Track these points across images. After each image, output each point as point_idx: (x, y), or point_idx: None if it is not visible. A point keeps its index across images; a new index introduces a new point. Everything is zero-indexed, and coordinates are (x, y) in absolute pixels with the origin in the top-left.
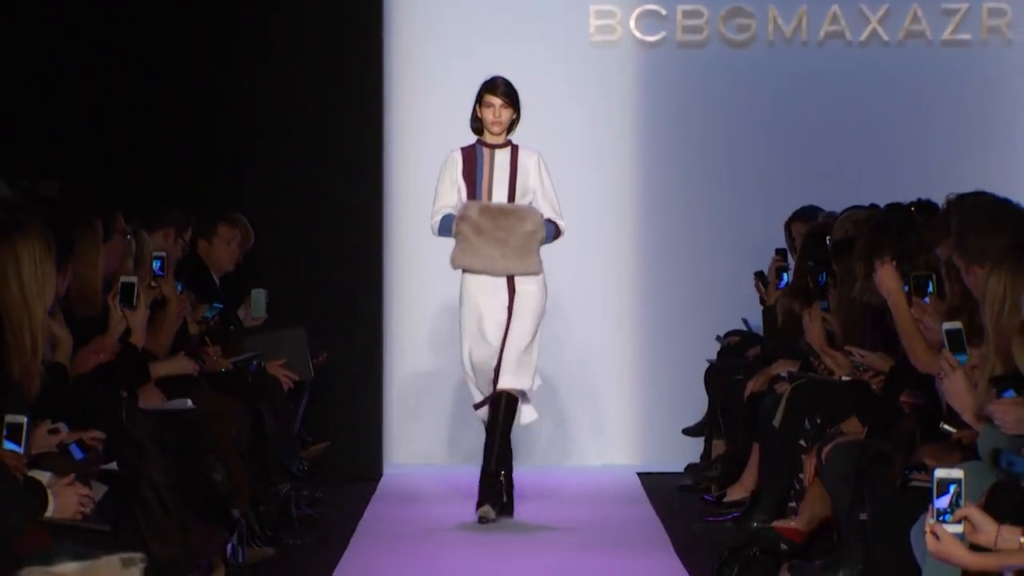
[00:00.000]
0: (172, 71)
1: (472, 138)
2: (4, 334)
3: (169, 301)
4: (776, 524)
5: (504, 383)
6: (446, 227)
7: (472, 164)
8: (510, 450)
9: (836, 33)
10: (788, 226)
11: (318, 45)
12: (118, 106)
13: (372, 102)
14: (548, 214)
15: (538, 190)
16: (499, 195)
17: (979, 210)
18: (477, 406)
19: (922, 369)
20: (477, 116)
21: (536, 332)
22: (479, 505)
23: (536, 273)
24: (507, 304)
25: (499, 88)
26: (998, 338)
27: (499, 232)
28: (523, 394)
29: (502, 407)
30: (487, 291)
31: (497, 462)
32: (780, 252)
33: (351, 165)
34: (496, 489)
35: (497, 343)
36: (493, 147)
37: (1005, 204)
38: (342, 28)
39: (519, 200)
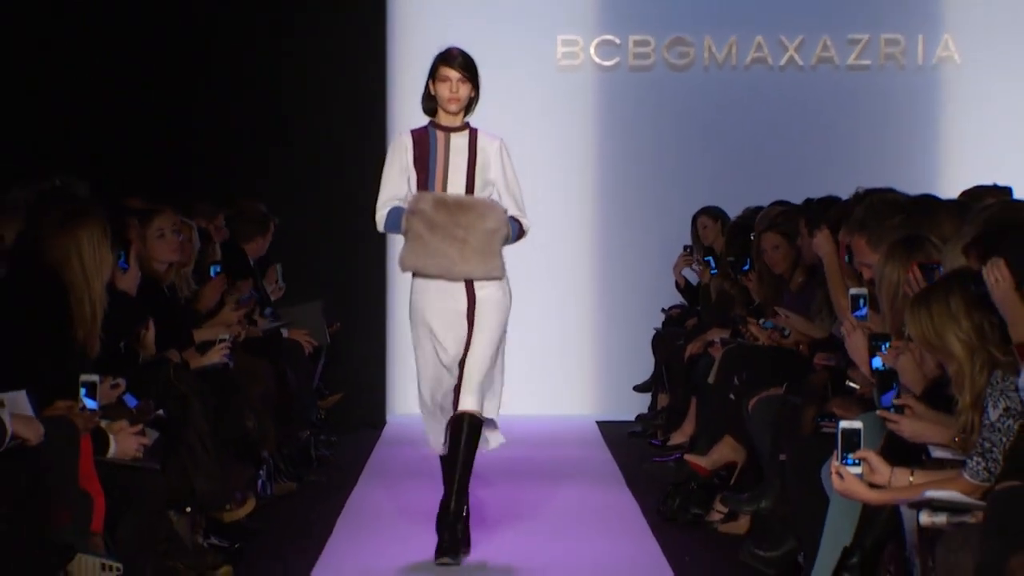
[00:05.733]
0: (200, 73)
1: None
2: (70, 307)
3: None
4: (687, 457)
5: (466, 404)
6: (394, 222)
7: (424, 149)
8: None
9: (760, 59)
10: (695, 220)
11: (324, 70)
12: (151, 107)
13: (377, 115)
14: (511, 211)
15: (500, 182)
16: (456, 185)
17: (880, 202)
18: (444, 454)
19: (843, 319)
20: (431, 93)
21: (501, 347)
22: (439, 553)
23: (499, 278)
24: (466, 314)
25: (456, 59)
26: (894, 318)
27: (457, 229)
28: (489, 421)
29: (464, 431)
30: (443, 299)
31: (459, 498)
32: (688, 248)
33: (358, 165)
34: (457, 535)
35: (456, 360)
36: (448, 130)
37: (902, 199)
38: (348, 60)
39: (479, 192)
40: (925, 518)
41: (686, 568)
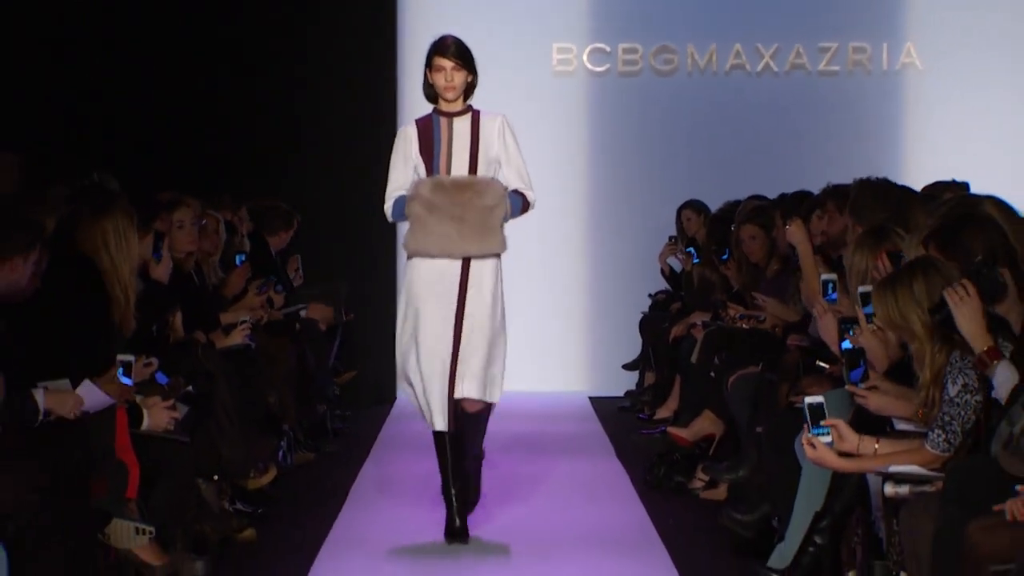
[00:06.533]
0: (225, 78)
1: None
2: (104, 291)
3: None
4: (670, 429)
5: (466, 391)
6: (400, 210)
7: (429, 137)
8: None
9: (738, 65)
10: (679, 213)
11: (339, 77)
12: (182, 110)
13: (387, 120)
14: (515, 184)
15: (503, 158)
16: (459, 168)
17: (873, 186)
18: (439, 432)
19: (815, 303)
20: (429, 82)
21: (502, 333)
22: (450, 537)
23: (498, 254)
24: (457, 297)
25: (449, 49)
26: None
27: (454, 208)
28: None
29: (472, 424)
30: (437, 280)
31: (465, 481)
32: (672, 239)
33: (370, 163)
34: (466, 521)
35: (447, 343)
36: (451, 115)
37: (895, 187)
38: (360, 69)
39: (481, 172)
40: (889, 489)
41: (670, 531)
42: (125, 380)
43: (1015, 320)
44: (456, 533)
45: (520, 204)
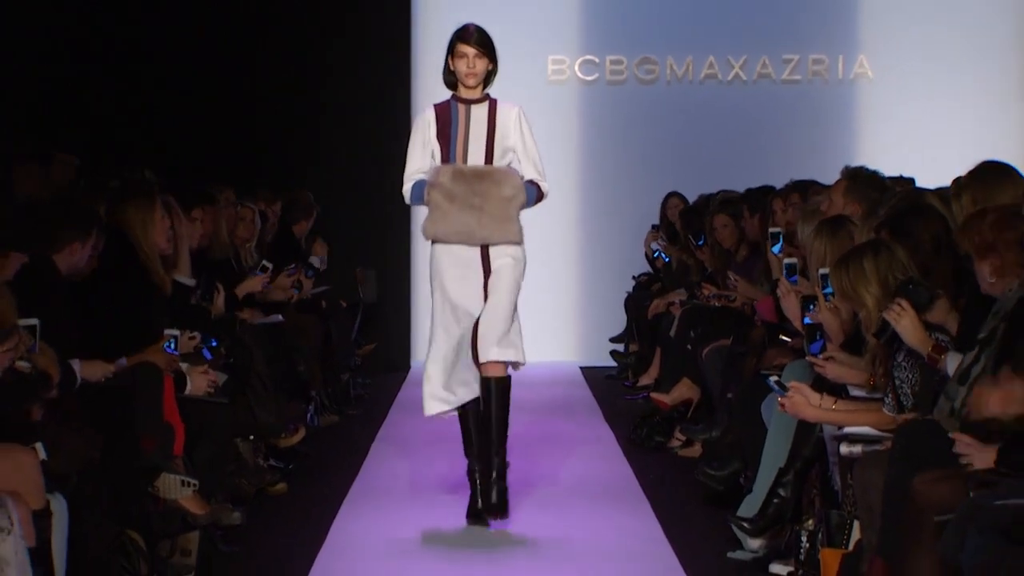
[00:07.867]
0: (259, 83)
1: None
2: (140, 263)
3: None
4: (652, 395)
5: (489, 355)
6: (418, 195)
7: (446, 122)
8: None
9: (712, 75)
10: (665, 200)
11: (360, 81)
12: (223, 114)
13: (401, 121)
14: (530, 175)
15: (519, 148)
16: (475, 155)
17: (866, 173)
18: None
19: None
20: (450, 68)
21: (514, 306)
22: (487, 512)
23: (517, 242)
24: (482, 282)
25: (472, 36)
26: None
27: (474, 198)
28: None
29: (493, 393)
30: (459, 263)
31: (501, 459)
32: (655, 227)
33: (387, 156)
34: (505, 494)
35: (471, 319)
36: (469, 102)
37: (881, 176)
38: (379, 78)
39: (498, 160)
40: (844, 448)
41: (651, 484)
42: (172, 352)
43: (952, 321)
44: (478, 514)
45: (535, 194)
